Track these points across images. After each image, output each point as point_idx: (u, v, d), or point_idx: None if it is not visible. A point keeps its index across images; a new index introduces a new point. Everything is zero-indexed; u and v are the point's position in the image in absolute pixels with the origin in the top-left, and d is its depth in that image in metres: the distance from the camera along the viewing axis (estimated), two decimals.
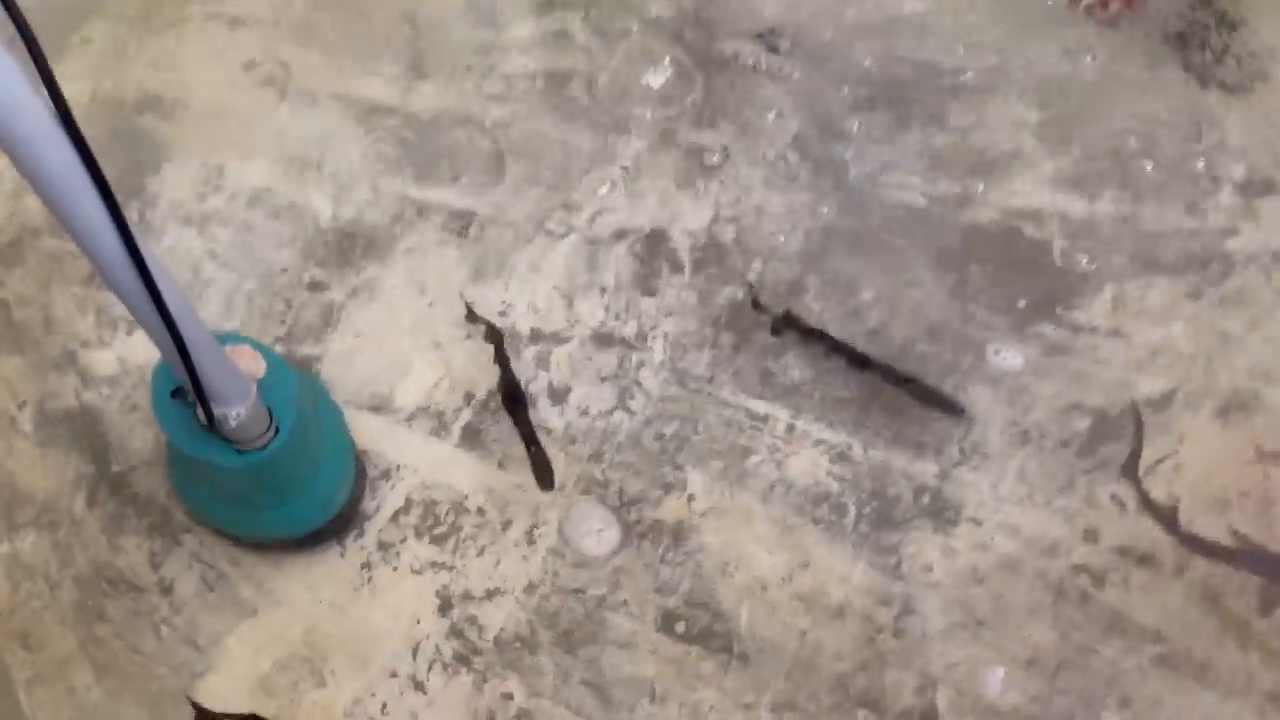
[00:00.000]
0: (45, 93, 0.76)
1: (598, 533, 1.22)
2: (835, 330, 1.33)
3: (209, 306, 1.41)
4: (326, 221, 1.47)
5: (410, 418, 1.32)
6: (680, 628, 1.18)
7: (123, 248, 0.84)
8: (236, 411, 1.02)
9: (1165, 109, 1.46)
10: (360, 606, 1.21)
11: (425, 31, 1.61)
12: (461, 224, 1.45)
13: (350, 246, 1.45)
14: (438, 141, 1.52)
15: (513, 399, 1.30)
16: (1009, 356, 1.30)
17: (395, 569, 1.23)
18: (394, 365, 1.36)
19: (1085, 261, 1.37)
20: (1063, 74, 1.49)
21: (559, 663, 1.17)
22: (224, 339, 1.11)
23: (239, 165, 1.52)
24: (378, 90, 1.57)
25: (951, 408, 1.28)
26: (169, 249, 1.45)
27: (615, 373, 1.33)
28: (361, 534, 1.25)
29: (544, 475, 1.26)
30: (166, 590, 1.24)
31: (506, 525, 1.24)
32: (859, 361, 1.31)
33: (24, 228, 1.49)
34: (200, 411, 1.02)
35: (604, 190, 1.46)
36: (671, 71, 1.53)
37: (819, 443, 1.27)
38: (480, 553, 1.23)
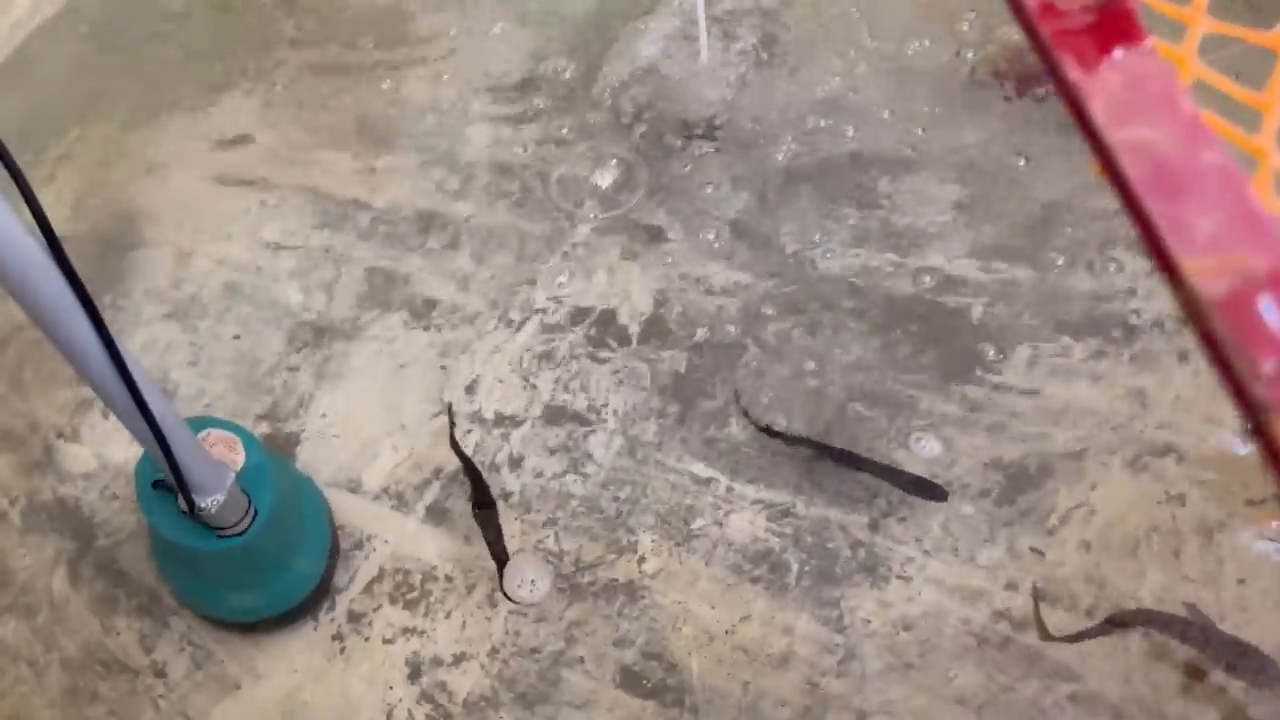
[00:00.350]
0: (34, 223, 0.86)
1: (531, 583, 1.30)
2: (773, 394, 1.44)
3: (187, 394, 1.50)
4: (297, 309, 1.57)
5: (378, 495, 1.41)
6: (637, 683, 1.27)
7: (111, 365, 0.94)
8: (215, 499, 1.12)
9: (1074, 182, 1.59)
10: (335, 677, 1.30)
11: (388, 130, 1.73)
12: (425, 308, 1.56)
13: (321, 333, 1.55)
14: (401, 230, 1.63)
15: (483, 507, 1.36)
16: (930, 445, 1.40)
17: (367, 639, 1.32)
18: (364, 446, 1.45)
19: (1001, 325, 1.48)
20: (980, 151, 1.62)
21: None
22: (202, 424, 1.21)
23: (212, 255, 1.63)
24: (344, 183, 1.68)
25: (934, 493, 1.35)
26: (147, 337, 1.55)
27: (568, 443, 1.43)
28: (333, 606, 1.34)
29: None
30: (160, 672, 1.32)
31: (471, 589, 1.33)
32: (846, 460, 1.38)
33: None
34: (181, 501, 1.12)
35: (558, 275, 1.57)
36: (619, 171, 1.65)
37: (757, 502, 1.37)
38: (448, 616, 1.32)
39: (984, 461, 1.38)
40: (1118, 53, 0.41)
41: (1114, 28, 0.42)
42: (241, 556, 1.20)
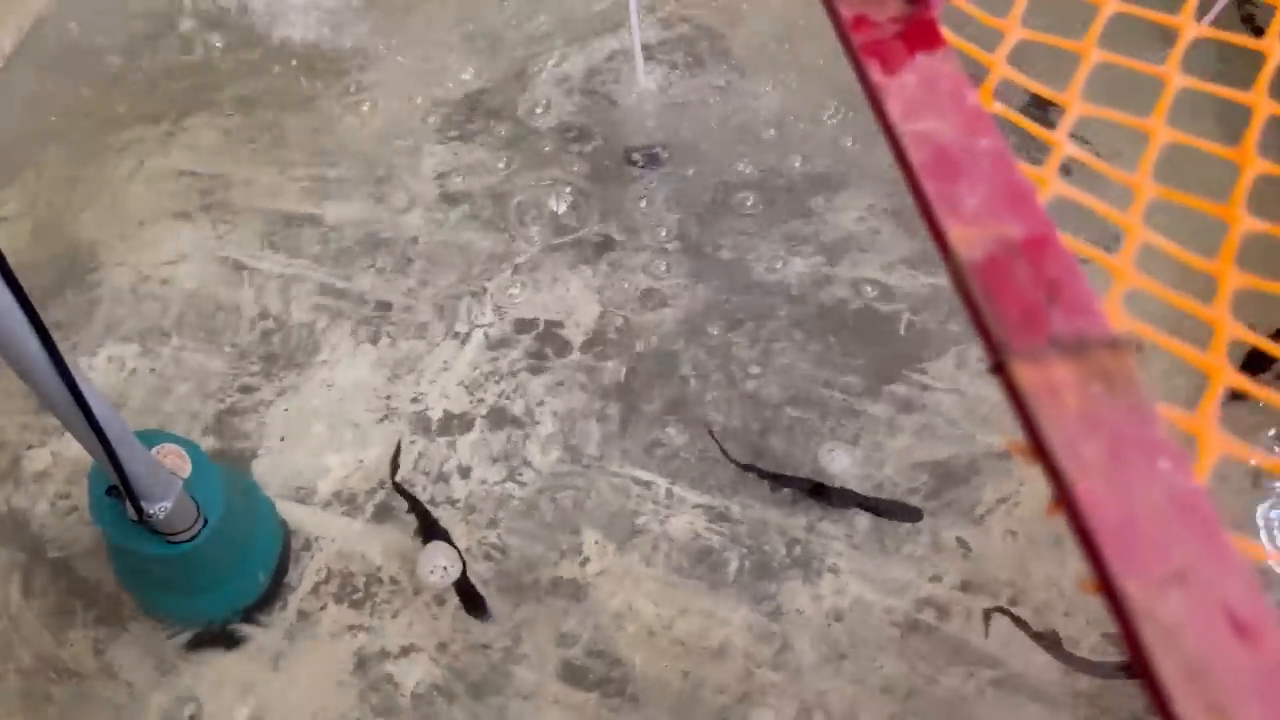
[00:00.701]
0: None
1: (443, 569, 1.35)
2: (712, 397, 1.50)
3: (143, 410, 1.54)
4: (251, 327, 1.62)
5: (329, 501, 1.45)
6: (580, 677, 1.31)
7: (58, 378, 0.97)
8: (163, 506, 1.16)
9: None
10: (285, 675, 1.33)
11: (339, 154, 1.78)
12: (376, 323, 1.61)
13: (274, 349, 1.59)
14: (352, 249, 1.68)
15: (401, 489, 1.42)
16: (839, 457, 1.46)
17: (314, 638, 1.35)
18: (314, 456, 1.50)
19: (929, 331, 1.55)
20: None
21: (473, 713, 1.30)
22: (153, 438, 1.24)
23: (167, 277, 1.67)
24: (295, 206, 1.73)
25: (910, 515, 1.40)
26: (105, 356, 1.59)
27: (511, 449, 1.48)
28: (285, 606, 1.38)
29: (477, 608, 1.36)
30: (112, 675, 1.35)
31: (418, 590, 1.38)
32: (817, 493, 1.42)
33: None
34: (130, 508, 1.15)
35: (505, 288, 1.62)
36: (564, 190, 1.71)
37: (697, 506, 1.42)
38: (395, 615, 1.36)
39: (911, 462, 1.44)
40: (918, 58, 0.47)
41: (917, 37, 0.48)
42: (191, 561, 1.23)
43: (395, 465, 1.47)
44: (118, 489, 1.21)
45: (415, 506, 1.43)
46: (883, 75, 0.47)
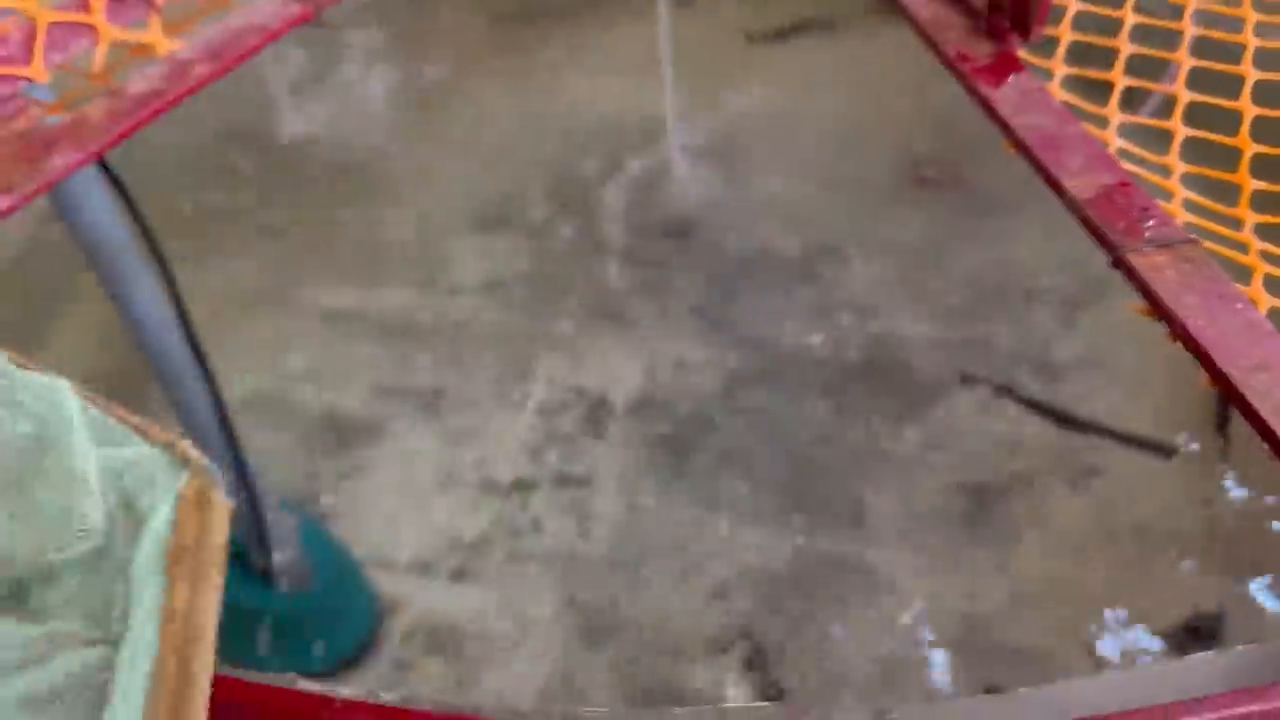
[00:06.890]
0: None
1: None
2: (752, 442, 1.66)
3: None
4: (315, 414, 1.75)
5: (407, 566, 1.57)
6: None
7: (226, 439, 1.12)
8: (285, 553, 1.27)
9: (989, 254, 1.88)
10: None
11: (390, 258, 1.97)
12: (432, 403, 1.75)
13: (339, 432, 1.72)
14: (406, 337, 1.84)
15: None
16: (892, 481, 1.63)
17: (408, 687, 1.45)
18: (387, 525, 1.61)
19: (939, 375, 1.73)
20: (905, 235, 1.91)
21: None
22: None
23: (237, 369, 1.81)
24: (352, 302, 1.90)
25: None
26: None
27: (574, 505, 1.61)
28: (379, 660, 1.47)
29: None
30: None
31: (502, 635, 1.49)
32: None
33: None
34: (258, 554, 1.27)
35: (552, 364, 1.79)
36: (596, 271, 1.90)
37: (754, 546, 1.56)
38: (483, 664, 1.46)
39: (942, 490, 1.61)
40: (1011, 78, 0.67)
41: (1007, 65, 0.68)
42: (304, 609, 1.34)
43: None
44: (237, 553, 1.33)
45: None
46: (989, 89, 0.66)
